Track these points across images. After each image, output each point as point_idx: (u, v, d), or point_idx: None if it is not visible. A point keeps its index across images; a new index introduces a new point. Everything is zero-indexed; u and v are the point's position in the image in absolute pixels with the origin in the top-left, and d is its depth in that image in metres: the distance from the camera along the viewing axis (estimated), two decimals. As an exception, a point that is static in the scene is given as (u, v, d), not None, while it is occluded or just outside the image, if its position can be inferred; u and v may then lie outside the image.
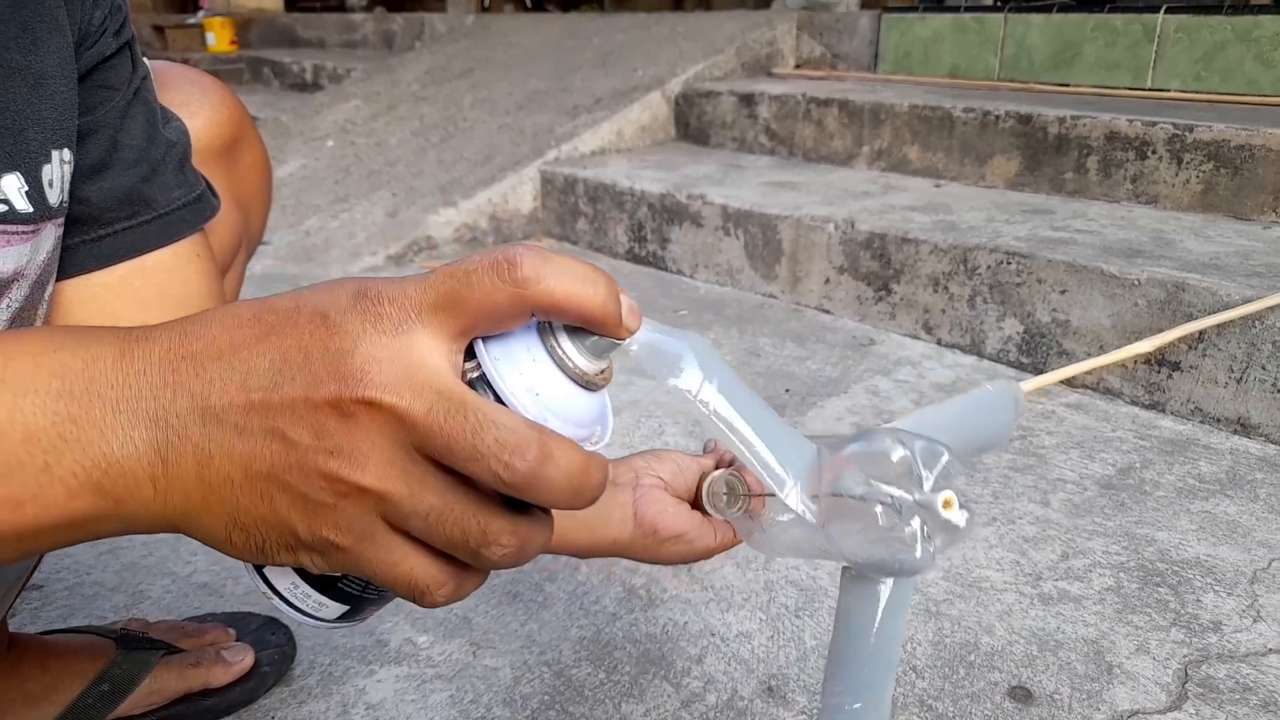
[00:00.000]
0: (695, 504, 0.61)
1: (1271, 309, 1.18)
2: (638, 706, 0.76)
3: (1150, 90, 2.10)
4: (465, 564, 0.29)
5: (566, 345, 0.29)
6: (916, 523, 0.36)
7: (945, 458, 0.37)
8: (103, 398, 0.27)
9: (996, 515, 1.03)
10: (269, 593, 0.33)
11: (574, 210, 2.18)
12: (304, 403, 0.26)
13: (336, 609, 0.33)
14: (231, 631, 0.79)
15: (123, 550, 0.96)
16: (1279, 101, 1.88)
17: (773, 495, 0.45)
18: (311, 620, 0.33)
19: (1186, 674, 0.79)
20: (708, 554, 0.61)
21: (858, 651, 0.41)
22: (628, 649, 0.83)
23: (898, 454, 0.36)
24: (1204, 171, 1.64)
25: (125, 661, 0.71)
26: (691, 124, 2.49)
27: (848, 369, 1.45)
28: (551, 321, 0.29)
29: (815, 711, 0.75)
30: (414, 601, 0.29)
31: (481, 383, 0.28)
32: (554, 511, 0.51)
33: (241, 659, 0.75)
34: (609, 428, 0.32)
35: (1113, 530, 1.01)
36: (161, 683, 0.72)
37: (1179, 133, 1.65)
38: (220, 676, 0.74)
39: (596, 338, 0.29)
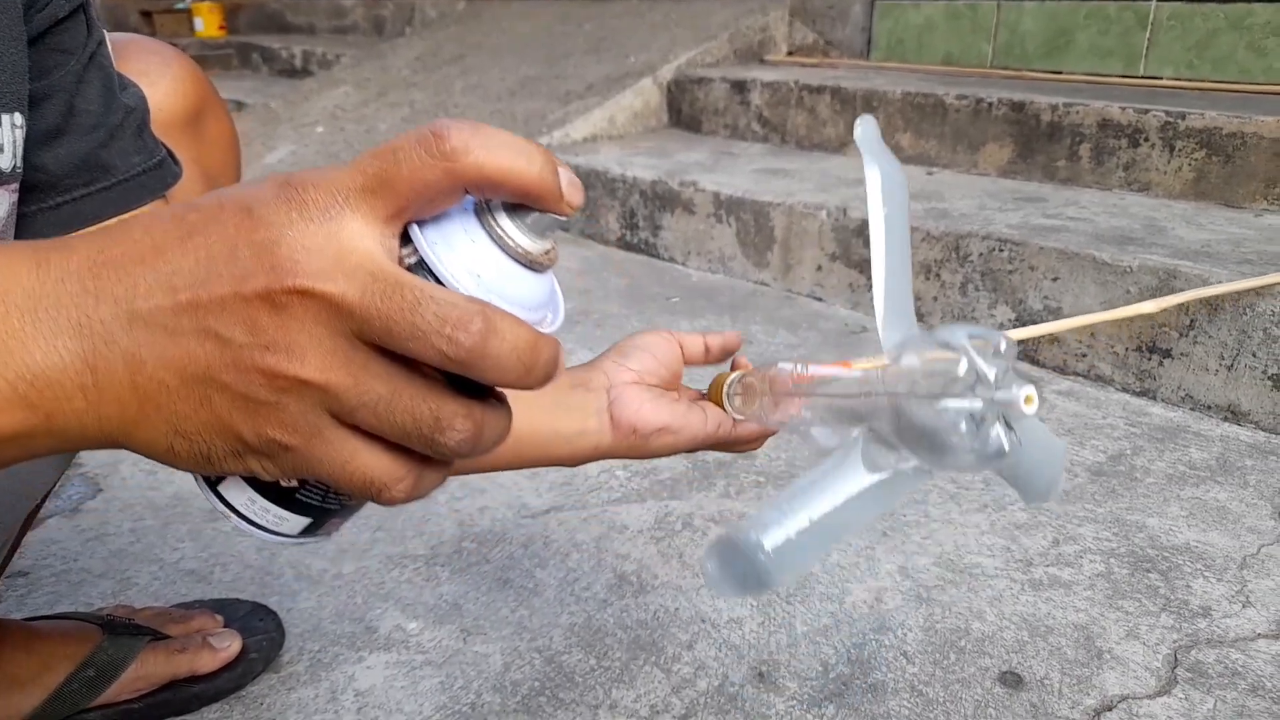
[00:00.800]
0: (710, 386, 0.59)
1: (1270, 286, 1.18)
2: (628, 692, 0.76)
3: (1143, 78, 2.10)
4: (423, 457, 0.28)
5: (505, 223, 0.28)
6: (1000, 428, 0.36)
7: (1004, 343, 0.36)
8: (20, 308, 0.26)
9: (987, 502, 1.04)
10: (227, 512, 0.31)
11: (565, 197, 2.17)
12: (234, 298, 0.25)
13: (298, 522, 0.32)
14: (219, 618, 0.78)
15: (110, 537, 0.96)
16: (1271, 89, 1.88)
17: (793, 395, 0.46)
18: (274, 537, 0.32)
19: (1176, 659, 0.79)
20: (701, 444, 0.58)
21: (830, 510, 0.40)
22: (618, 635, 0.82)
23: (963, 367, 0.36)
24: (1196, 159, 1.64)
25: (111, 647, 0.70)
26: (684, 111, 2.47)
27: (840, 356, 1.45)
28: (489, 200, 0.28)
29: (806, 697, 0.75)
30: (373, 500, 0.28)
31: (420, 268, 0.27)
32: (529, 425, 0.51)
33: (229, 645, 0.74)
34: (560, 311, 0.30)
35: (1103, 516, 1.01)
36: (148, 668, 0.71)
37: (1171, 120, 1.65)
38: (207, 663, 0.73)
39: (537, 214, 0.28)
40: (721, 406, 0.57)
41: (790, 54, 2.71)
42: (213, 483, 0.31)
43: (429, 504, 1.02)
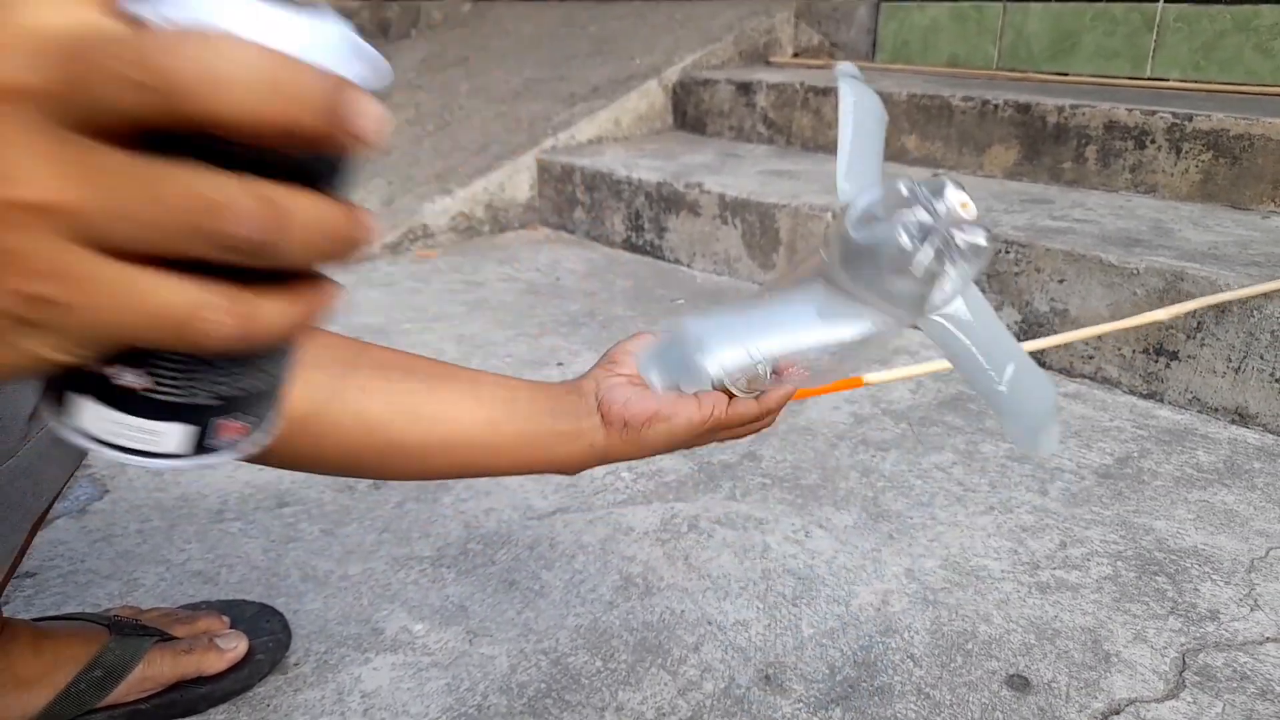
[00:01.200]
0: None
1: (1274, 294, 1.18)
2: (635, 695, 0.76)
3: (1149, 79, 2.10)
4: (248, 277, 0.22)
5: None
6: (931, 247, 0.39)
7: (950, 182, 0.40)
8: None
9: (994, 504, 1.03)
10: (95, 446, 0.26)
11: (571, 199, 2.18)
12: None
13: (176, 433, 0.26)
14: (225, 619, 0.78)
15: (117, 538, 0.96)
16: (1278, 91, 1.88)
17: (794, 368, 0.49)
18: (162, 461, 0.26)
19: (1184, 662, 0.79)
20: (699, 428, 0.56)
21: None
22: (625, 637, 0.82)
23: (905, 188, 0.40)
24: (1203, 161, 1.63)
25: (118, 647, 0.70)
26: (689, 113, 2.47)
27: (845, 358, 1.45)
28: None
29: (812, 700, 0.75)
30: (200, 343, 0.22)
31: None
32: (528, 427, 0.52)
33: (235, 646, 0.74)
34: (370, 61, 0.24)
35: (1110, 519, 1.01)
36: (154, 669, 0.71)
37: (1178, 122, 1.65)
38: (214, 664, 0.73)
39: None
40: (729, 394, 0.57)
41: (795, 56, 2.71)
42: (70, 418, 0.26)
43: (434, 505, 1.02)
